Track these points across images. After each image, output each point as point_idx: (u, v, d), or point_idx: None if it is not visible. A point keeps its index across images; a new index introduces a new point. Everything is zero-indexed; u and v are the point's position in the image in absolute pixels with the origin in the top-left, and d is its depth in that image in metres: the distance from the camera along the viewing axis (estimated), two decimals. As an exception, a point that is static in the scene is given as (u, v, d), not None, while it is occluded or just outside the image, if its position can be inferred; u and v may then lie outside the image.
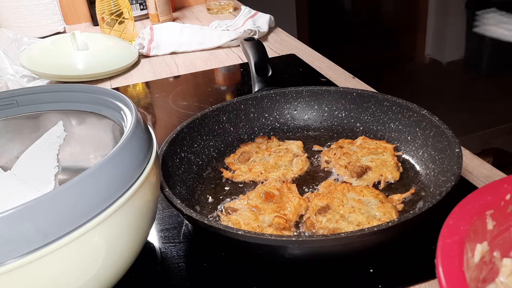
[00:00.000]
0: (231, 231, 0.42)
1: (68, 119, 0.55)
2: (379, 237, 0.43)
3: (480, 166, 0.61)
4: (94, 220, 0.35)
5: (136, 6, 1.47)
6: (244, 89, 0.95)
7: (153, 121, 0.86)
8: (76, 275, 0.37)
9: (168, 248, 0.52)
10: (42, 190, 0.52)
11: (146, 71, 1.10)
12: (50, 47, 1.06)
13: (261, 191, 0.55)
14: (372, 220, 0.49)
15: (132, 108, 0.46)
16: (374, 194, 0.53)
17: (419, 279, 0.45)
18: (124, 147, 0.39)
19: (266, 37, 1.23)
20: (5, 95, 0.53)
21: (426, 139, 0.59)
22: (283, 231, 0.50)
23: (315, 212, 0.51)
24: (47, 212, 0.33)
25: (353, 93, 0.69)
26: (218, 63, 1.10)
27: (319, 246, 0.42)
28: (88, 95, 0.52)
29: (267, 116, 0.72)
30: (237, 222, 0.51)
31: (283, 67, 1.03)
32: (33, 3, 1.30)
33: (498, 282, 0.38)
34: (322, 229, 0.49)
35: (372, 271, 0.46)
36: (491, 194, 0.37)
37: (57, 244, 0.33)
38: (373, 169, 0.58)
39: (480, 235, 0.36)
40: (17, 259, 0.32)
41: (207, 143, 0.66)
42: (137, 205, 0.41)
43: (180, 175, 0.59)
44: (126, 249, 0.42)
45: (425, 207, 0.43)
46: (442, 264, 0.31)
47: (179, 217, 0.57)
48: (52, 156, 0.55)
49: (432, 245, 0.34)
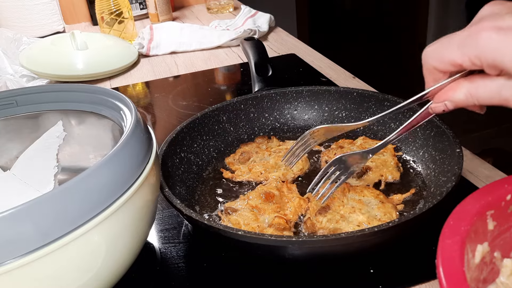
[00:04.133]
0: (231, 231, 0.42)
1: (67, 119, 0.55)
2: (379, 238, 0.43)
3: (481, 166, 0.61)
4: (94, 220, 0.35)
5: (135, 5, 1.46)
6: (244, 89, 0.95)
7: (153, 121, 0.86)
8: (76, 275, 0.37)
9: (168, 248, 0.52)
10: (42, 190, 0.52)
11: (146, 71, 1.10)
12: (50, 47, 1.06)
13: (261, 191, 0.55)
14: (372, 220, 0.49)
15: (131, 108, 0.46)
16: (374, 195, 0.53)
17: (420, 279, 0.45)
18: (124, 147, 0.39)
19: (266, 37, 1.23)
20: (4, 95, 0.53)
21: (427, 139, 0.59)
22: (283, 231, 0.50)
23: (316, 213, 0.51)
24: (47, 212, 0.33)
25: (353, 93, 0.69)
26: (218, 63, 1.09)
27: (320, 246, 0.42)
28: (87, 95, 0.52)
29: (267, 116, 0.71)
30: (237, 223, 0.51)
31: (283, 67, 1.03)
32: (32, 3, 1.30)
33: (499, 283, 0.38)
34: (322, 229, 0.49)
35: (372, 271, 0.46)
36: (491, 194, 0.37)
37: (57, 244, 0.33)
38: (373, 169, 0.58)
39: (480, 235, 0.36)
40: (17, 259, 0.32)
41: (207, 143, 0.66)
42: (137, 205, 0.40)
43: (180, 175, 0.59)
44: (126, 249, 0.41)
45: (426, 207, 0.43)
46: (443, 264, 0.31)
47: (179, 217, 0.57)
48: (51, 156, 0.55)
49: (433, 245, 0.33)
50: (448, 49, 0.36)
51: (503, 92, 0.34)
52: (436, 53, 0.37)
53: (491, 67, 0.34)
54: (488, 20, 0.33)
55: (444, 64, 0.36)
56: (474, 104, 0.37)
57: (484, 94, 0.36)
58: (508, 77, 0.33)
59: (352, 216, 0.50)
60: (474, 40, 0.33)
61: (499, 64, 0.33)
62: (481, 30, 0.33)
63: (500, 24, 0.32)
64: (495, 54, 0.32)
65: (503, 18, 0.33)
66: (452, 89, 0.38)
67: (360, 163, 0.50)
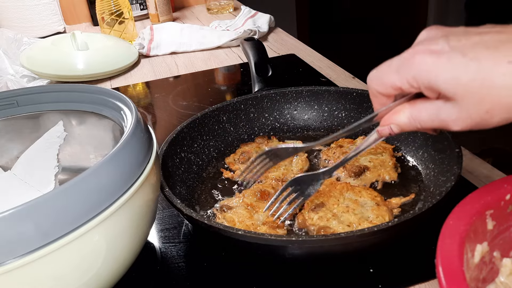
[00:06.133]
0: (231, 231, 0.42)
1: (68, 119, 0.55)
2: (379, 237, 0.43)
3: (480, 166, 0.61)
4: (94, 220, 0.35)
5: (136, 6, 1.47)
6: (244, 89, 0.95)
7: (153, 121, 0.86)
8: (76, 275, 0.37)
9: (168, 248, 0.52)
10: (42, 190, 0.52)
11: (146, 71, 1.10)
12: (50, 47, 1.06)
13: (257, 190, 0.55)
14: (363, 222, 0.49)
15: (132, 108, 0.46)
16: (372, 196, 0.53)
17: (419, 279, 0.45)
18: (124, 147, 0.39)
19: (266, 37, 1.23)
20: (5, 95, 0.53)
21: (426, 139, 0.59)
22: (277, 229, 0.50)
23: (309, 209, 0.51)
24: (47, 212, 0.33)
25: (353, 93, 0.69)
26: (218, 63, 1.10)
27: (319, 246, 0.42)
28: (88, 95, 0.52)
29: (267, 116, 0.72)
30: (232, 220, 0.51)
31: (283, 67, 1.03)
32: (33, 3, 1.30)
33: (498, 282, 0.38)
34: (312, 226, 0.49)
35: (372, 271, 0.46)
36: (491, 194, 0.37)
37: (57, 244, 0.33)
38: (371, 169, 0.58)
39: (480, 235, 0.36)
40: (17, 259, 0.32)
41: (207, 143, 0.66)
42: (137, 205, 0.41)
43: (180, 175, 0.59)
44: (126, 249, 0.42)
45: (425, 207, 0.43)
46: (442, 264, 0.31)
47: (179, 217, 0.57)
48: (52, 156, 0.55)
49: (432, 245, 0.34)
50: (388, 73, 0.37)
51: (441, 115, 0.35)
52: (377, 77, 0.38)
53: (427, 89, 0.34)
54: (423, 44, 0.34)
55: (386, 87, 0.37)
56: (417, 128, 0.38)
57: (425, 117, 0.37)
58: (445, 100, 0.34)
59: (344, 216, 0.50)
60: (410, 63, 0.35)
61: (434, 85, 0.33)
62: (416, 53, 0.34)
63: (433, 47, 0.33)
64: (430, 76, 0.33)
65: (437, 42, 0.34)
66: (396, 113, 0.39)
67: (315, 185, 0.50)
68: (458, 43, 0.33)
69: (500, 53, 0.31)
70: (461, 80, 0.32)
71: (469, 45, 0.32)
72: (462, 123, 0.34)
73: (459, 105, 0.33)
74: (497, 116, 0.32)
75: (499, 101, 0.32)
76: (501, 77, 0.31)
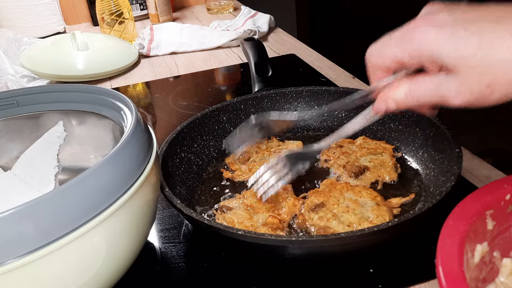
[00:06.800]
0: (231, 231, 0.42)
1: (68, 119, 0.55)
2: (379, 237, 0.43)
3: (480, 166, 0.61)
4: (94, 220, 0.35)
5: (136, 6, 1.47)
6: (244, 89, 0.95)
7: (153, 121, 0.86)
8: (76, 275, 0.37)
9: (168, 248, 0.52)
10: (42, 190, 0.52)
11: (146, 71, 1.10)
12: (50, 47, 1.06)
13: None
14: (363, 222, 0.49)
15: (132, 108, 0.46)
16: (372, 196, 0.53)
17: (419, 279, 0.45)
18: (124, 147, 0.39)
19: (266, 37, 1.23)
20: (5, 95, 0.53)
21: (426, 139, 0.59)
22: (277, 230, 0.50)
23: (309, 209, 0.51)
24: (47, 212, 0.33)
25: (353, 93, 0.69)
26: (218, 63, 1.10)
27: (319, 246, 0.42)
28: (88, 95, 0.52)
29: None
30: (231, 221, 0.51)
31: (283, 67, 1.03)
32: (33, 3, 1.30)
33: (498, 282, 0.38)
34: (312, 226, 0.49)
35: (372, 271, 0.46)
36: (491, 194, 0.37)
37: (57, 244, 0.33)
38: (370, 169, 0.58)
39: (480, 235, 0.36)
40: (17, 259, 0.32)
41: (207, 143, 0.66)
42: (137, 205, 0.41)
43: (180, 175, 0.59)
44: (126, 249, 0.42)
45: (425, 207, 0.43)
46: (442, 264, 0.31)
47: (179, 217, 0.57)
48: (52, 156, 0.55)
49: (432, 245, 0.34)
50: (388, 45, 0.36)
51: (441, 89, 0.34)
52: (377, 50, 0.38)
53: (430, 61, 0.34)
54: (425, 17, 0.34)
55: (386, 60, 0.37)
56: (414, 104, 0.37)
57: (424, 91, 0.36)
58: (447, 73, 0.34)
59: (344, 216, 0.50)
60: (412, 36, 0.34)
61: (437, 58, 0.33)
62: (418, 25, 0.34)
63: (436, 20, 0.33)
64: (433, 48, 0.33)
65: (438, 15, 0.34)
66: (394, 88, 0.38)
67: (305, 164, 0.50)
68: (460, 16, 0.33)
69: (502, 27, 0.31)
70: (463, 52, 0.32)
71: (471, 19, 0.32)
72: (462, 98, 0.33)
73: (460, 78, 0.33)
74: (497, 91, 0.32)
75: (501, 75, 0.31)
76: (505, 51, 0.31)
